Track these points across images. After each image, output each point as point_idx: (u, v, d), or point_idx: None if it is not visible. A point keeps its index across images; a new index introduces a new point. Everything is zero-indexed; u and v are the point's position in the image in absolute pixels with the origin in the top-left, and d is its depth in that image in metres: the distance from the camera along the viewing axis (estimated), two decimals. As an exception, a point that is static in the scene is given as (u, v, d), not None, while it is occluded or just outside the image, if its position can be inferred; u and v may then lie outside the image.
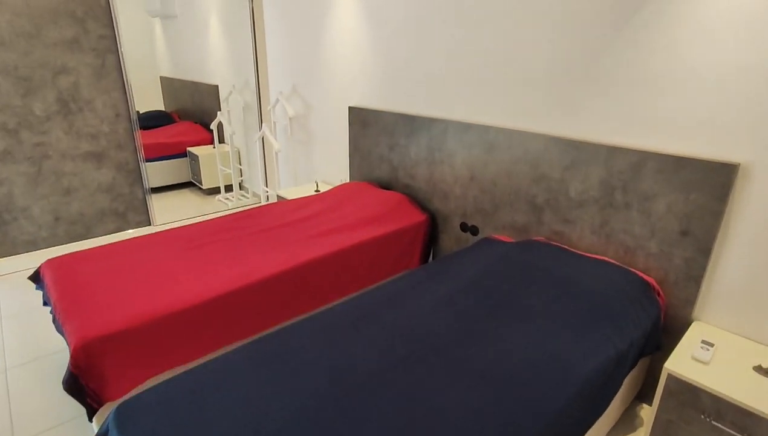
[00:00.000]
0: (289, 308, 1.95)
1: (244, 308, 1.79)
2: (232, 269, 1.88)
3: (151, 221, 3.49)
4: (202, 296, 1.68)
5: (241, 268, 1.88)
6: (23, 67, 2.74)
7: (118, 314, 1.54)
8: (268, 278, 1.85)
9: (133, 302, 1.62)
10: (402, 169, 2.69)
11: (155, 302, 1.62)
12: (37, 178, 2.93)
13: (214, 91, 4.26)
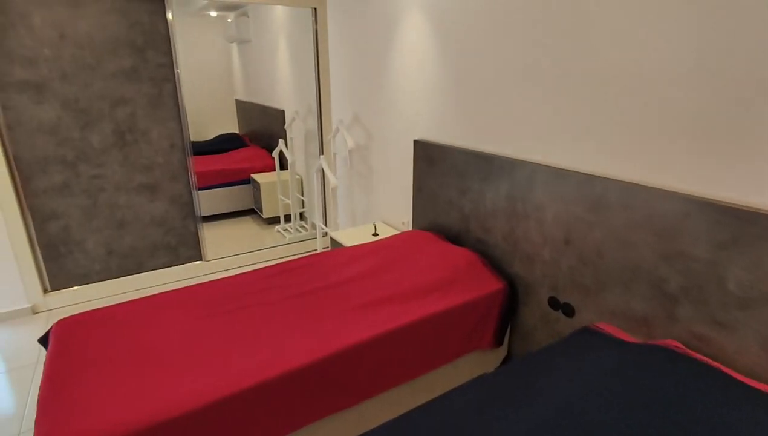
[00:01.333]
0: (310, 408, 1.52)
1: (256, 409, 1.40)
2: (255, 354, 1.50)
3: (202, 255, 3.31)
4: (207, 395, 1.31)
5: (263, 353, 1.50)
6: (83, 99, 2.67)
7: (97, 423, 1.21)
8: (290, 372, 1.43)
9: (124, 403, 1.29)
10: (475, 220, 2.17)
11: (149, 405, 1.28)
12: (92, 211, 2.85)
13: (281, 117, 4.08)
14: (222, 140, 4.60)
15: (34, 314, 2.77)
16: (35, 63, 2.51)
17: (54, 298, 2.83)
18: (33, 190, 2.66)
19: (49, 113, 2.61)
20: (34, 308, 2.78)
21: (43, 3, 2.46)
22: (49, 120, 2.61)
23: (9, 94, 2.49)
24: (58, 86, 2.59)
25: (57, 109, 2.62)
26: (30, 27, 2.46)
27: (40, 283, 2.77)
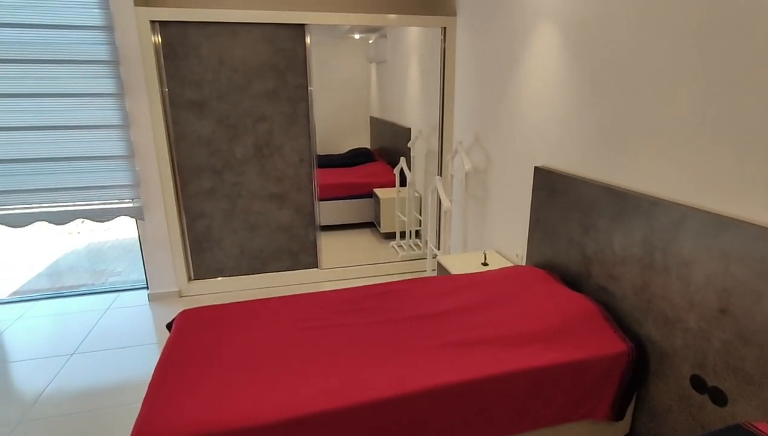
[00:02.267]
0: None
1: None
2: (330, 377, 1.48)
3: (318, 263, 3.49)
4: (278, 412, 1.33)
5: (338, 378, 1.47)
6: (233, 116, 3.05)
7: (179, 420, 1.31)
8: (359, 405, 1.37)
9: (207, 404, 1.38)
10: (598, 264, 1.85)
11: (228, 411, 1.34)
12: (231, 214, 3.22)
13: (407, 134, 4.13)
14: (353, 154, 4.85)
15: (180, 297, 3.23)
16: (200, 85, 2.95)
17: (195, 285, 3.27)
18: (188, 192, 3.11)
19: (206, 128, 3.03)
20: (180, 292, 3.24)
21: (210, 36, 2.88)
22: (205, 134, 3.03)
23: (178, 112, 2.95)
24: (215, 105, 3.00)
25: (212, 125, 3.03)
26: (199, 56, 2.90)
27: (186, 271, 3.22)
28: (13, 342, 2.68)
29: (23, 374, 2.38)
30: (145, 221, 3.05)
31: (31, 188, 2.82)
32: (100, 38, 2.68)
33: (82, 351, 2.59)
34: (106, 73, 2.74)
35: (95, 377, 2.35)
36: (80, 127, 2.78)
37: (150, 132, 2.90)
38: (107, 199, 2.94)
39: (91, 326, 2.86)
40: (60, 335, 2.75)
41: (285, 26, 2.98)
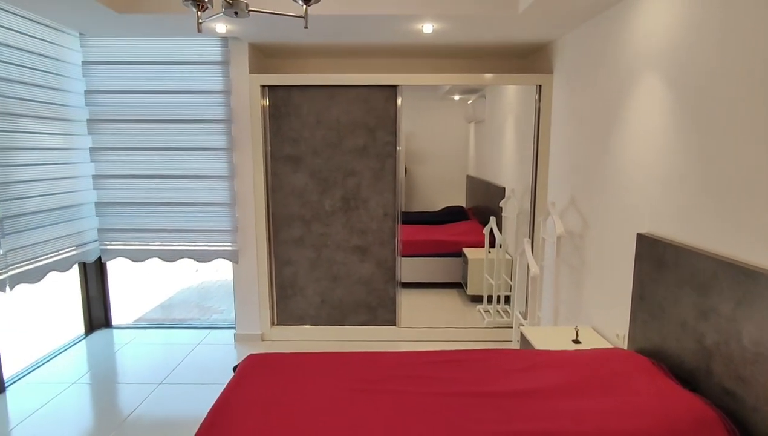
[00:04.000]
0: None
1: None
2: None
3: (397, 321, 3.38)
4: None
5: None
6: (325, 170, 3.22)
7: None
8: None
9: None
10: (722, 360, 1.47)
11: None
12: (316, 263, 3.32)
13: (501, 194, 3.97)
14: (447, 212, 4.78)
15: (262, 341, 3.33)
16: (297, 142, 3.19)
17: (277, 331, 3.36)
18: (278, 240, 3.29)
19: (300, 181, 3.23)
20: (263, 336, 3.35)
21: (310, 97, 3.14)
22: (299, 186, 3.23)
23: (277, 165, 3.21)
24: (310, 160, 3.20)
25: (306, 178, 3.22)
26: (299, 115, 3.16)
27: (270, 316, 3.34)
28: (118, 364, 2.98)
29: (119, 395, 2.59)
30: (239, 265, 3.27)
31: (149, 228, 3.23)
32: (219, 101, 3.08)
33: (168, 382, 2.76)
34: (220, 130, 3.11)
35: (173, 409, 2.47)
36: (195, 176, 3.15)
37: (251, 183, 3.18)
38: (209, 241, 3.23)
39: (181, 358, 3.06)
40: (155, 363, 2.99)
41: (379, 88, 3.13)
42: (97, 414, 2.43)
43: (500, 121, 4.01)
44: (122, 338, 3.41)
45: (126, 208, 3.20)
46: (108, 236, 3.24)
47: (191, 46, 3.04)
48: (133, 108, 3.09)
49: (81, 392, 2.66)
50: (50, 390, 2.67)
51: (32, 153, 2.66)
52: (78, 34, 3.01)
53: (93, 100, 3.09)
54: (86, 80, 3.07)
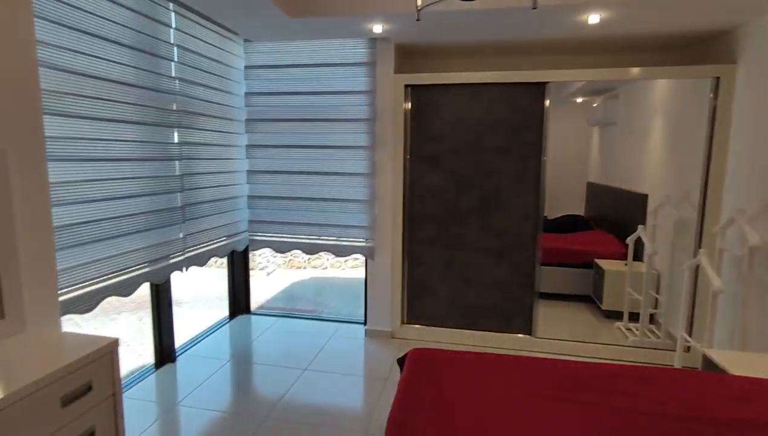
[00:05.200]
0: None
1: None
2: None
3: (532, 330, 3.20)
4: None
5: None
6: (463, 169, 3.16)
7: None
8: None
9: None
10: None
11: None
12: (449, 264, 3.27)
13: (641, 201, 3.62)
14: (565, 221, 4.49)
15: (392, 338, 3.35)
16: (437, 141, 3.17)
17: (407, 329, 3.36)
18: (413, 239, 3.30)
19: (437, 180, 3.21)
20: (392, 333, 3.37)
21: (452, 96, 3.11)
22: (435, 185, 3.21)
23: (416, 164, 3.22)
24: (448, 159, 3.17)
25: (443, 177, 3.19)
26: (440, 114, 3.15)
27: (400, 314, 3.35)
28: (263, 348, 3.17)
29: (269, 377, 2.75)
30: (374, 261, 3.33)
31: (292, 221, 3.41)
32: (363, 100, 3.17)
33: (312, 369, 2.87)
34: (364, 129, 3.19)
35: (321, 395, 2.55)
36: (337, 173, 3.27)
37: (390, 181, 3.22)
38: (348, 237, 3.33)
39: (318, 348, 3.18)
40: (296, 350, 3.13)
41: (524, 85, 3.01)
42: (253, 392, 2.59)
43: (642, 123, 3.65)
44: (260, 323, 3.64)
45: (273, 202, 3.42)
46: (256, 228, 3.49)
47: (341, 49, 3.18)
48: (284, 108, 3.30)
49: (236, 369, 2.87)
50: (210, 365, 2.91)
51: (204, 148, 2.94)
52: (243, 42, 3.29)
53: (251, 102, 3.35)
54: (246, 83, 3.34)
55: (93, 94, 2.07)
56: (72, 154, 1.97)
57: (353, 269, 7.43)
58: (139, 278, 2.40)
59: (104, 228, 2.16)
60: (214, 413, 2.37)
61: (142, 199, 2.41)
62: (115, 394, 1.58)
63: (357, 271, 7.28)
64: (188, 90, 2.76)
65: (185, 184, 2.75)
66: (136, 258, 2.38)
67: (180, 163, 2.70)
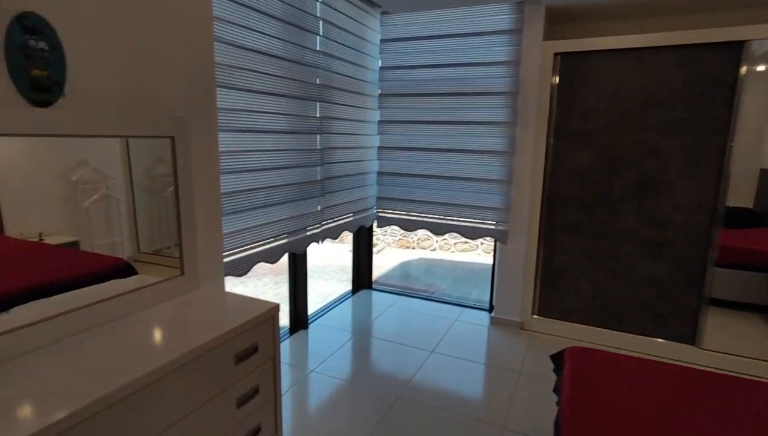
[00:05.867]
0: None
1: None
2: None
3: (696, 340, 2.73)
4: None
5: None
6: (616, 148, 2.76)
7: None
8: None
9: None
10: None
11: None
12: (593, 254, 2.92)
13: None
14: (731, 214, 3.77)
15: (521, 330, 3.13)
16: (587, 116, 2.81)
17: (538, 322, 3.10)
18: (552, 224, 3.00)
19: (585, 160, 2.85)
20: (522, 324, 3.14)
21: (610, 64, 2.71)
22: (582, 165, 2.86)
23: (560, 142, 2.90)
24: (599, 136, 2.79)
25: (592, 157, 2.83)
26: (594, 86, 2.77)
27: (531, 305, 3.10)
28: (388, 325, 3.17)
29: (396, 355, 2.73)
30: (506, 246, 3.11)
31: (421, 199, 3.32)
32: (505, 72, 2.92)
33: (439, 352, 2.79)
34: (503, 103, 2.95)
35: (449, 380, 2.46)
36: (472, 151, 3.09)
37: (529, 160, 2.95)
38: (479, 218, 3.15)
39: (443, 331, 3.09)
40: (421, 330, 3.08)
41: (710, 47, 2.50)
42: (382, 368, 2.58)
43: None
44: (382, 300, 3.66)
45: (402, 179, 3.36)
46: (384, 205, 3.47)
47: (482, 16, 2.95)
48: (418, 82, 3.19)
49: (364, 343, 2.90)
50: (339, 336, 2.99)
51: (341, 123, 2.96)
52: (380, 15, 3.23)
53: (385, 76, 3.30)
54: (381, 57, 3.29)
55: (249, 66, 2.15)
56: (234, 125, 2.08)
57: (462, 252, 7.24)
58: (283, 246, 2.51)
59: (258, 197, 2.27)
60: (346, 385, 2.41)
61: (290, 171, 2.49)
62: (275, 357, 1.64)
63: (466, 254, 7.08)
64: (330, 64, 2.77)
65: (324, 158, 2.80)
66: (282, 227, 2.48)
67: (321, 136, 2.75)
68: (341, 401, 2.26)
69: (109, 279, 1.40)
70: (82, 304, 1.35)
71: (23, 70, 1.19)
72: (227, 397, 1.43)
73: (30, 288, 1.20)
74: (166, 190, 1.54)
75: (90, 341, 1.29)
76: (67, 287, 1.29)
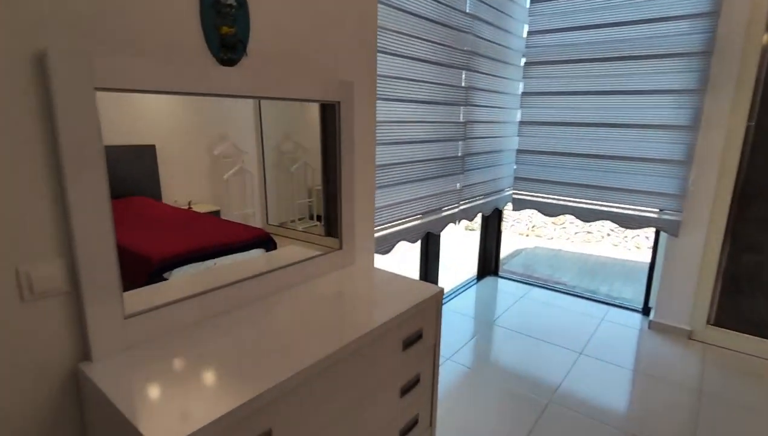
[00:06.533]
0: None
1: None
2: None
3: None
4: None
5: None
6: None
7: None
8: None
9: None
10: None
11: None
12: (800, 258, 2.32)
13: None
14: None
15: (688, 339, 2.64)
16: (814, 79, 2.18)
17: (714, 333, 2.59)
18: (745, 216, 2.44)
19: (803, 137, 2.24)
20: (691, 334, 2.65)
21: None
22: (799, 144, 2.25)
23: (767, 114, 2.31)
24: (831, 106, 2.16)
25: (815, 133, 2.21)
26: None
27: (707, 311, 2.59)
28: (524, 317, 2.90)
29: (540, 354, 2.45)
30: (676, 239, 2.62)
31: (566, 181, 2.94)
32: (696, 27, 2.39)
33: (588, 354, 2.45)
34: (689, 66, 2.43)
35: (605, 390, 2.13)
36: (637, 125, 2.62)
37: (720, 137, 2.41)
38: (641, 205, 2.69)
39: (590, 331, 2.72)
40: (563, 328, 2.75)
41: None
42: (526, 368, 2.33)
43: None
44: (510, 289, 3.37)
45: (545, 158, 3.01)
46: (522, 186, 3.16)
47: (667, -39, 2.44)
48: (572, 47, 2.78)
49: (499, 336, 2.67)
50: (469, 324, 2.80)
51: (483, 94, 2.70)
52: (531, -30, 2.87)
53: (533, 42, 2.94)
54: (530, 21, 2.93)
55: (403, 30, 1.98)
56: (385, 92, 1.94)
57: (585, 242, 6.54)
58: (422, 226, 2.36)
59: (404, 172, 2.13)
60: (485, 380, 2.21)
61: (433, 145, 2.32)
62: (436, 345, 1.49)
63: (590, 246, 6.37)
64: (479, 29, 2.52)
65: (467, 133, 2.58)
66: (424, 205, 2.33)
67: (464, 109, 2.53)
68: (485, 397, 2.08)
69: (252, 248, 1.39)
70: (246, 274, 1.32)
71: (214, 27, 1.15)
72: (393, 385, 1.31)
73: (188, 251, 1.21)
74: (292, 166, 1.50)
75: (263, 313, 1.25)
76: (220, 253, 1.28)
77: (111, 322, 1.00)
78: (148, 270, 1.12)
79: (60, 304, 0.96)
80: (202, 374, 0.94)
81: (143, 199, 1.10)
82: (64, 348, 0.98)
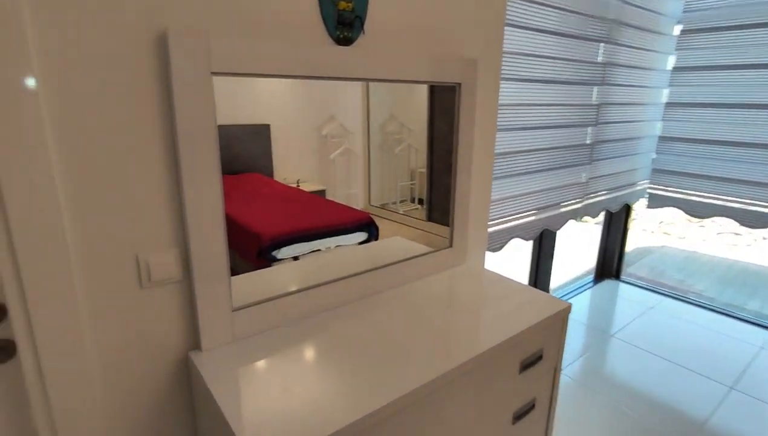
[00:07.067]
0: None
1: None
2: None
3: None
4: None
5: None
6: None
7: None
8: None
9: None
10: None
11: None
12: None
13: None
14: None
15: None
16: None
17: None
18: None
19: None
20: None
21: None
22: None
23: None
24: None
25: None
26: None
27: None
28: (654, 334, 2.49)
29: (678, 381, 2.08)
30: None
31: (719, 176, 2.42)
32: None
33: (741, 390, 2.02)
34: None
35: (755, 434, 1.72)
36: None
37: None
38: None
39: (745, 361, 2.25)
40: (707, 353, 2.31)
41: None
42: (660, 395, 1.98)
43: None
44: (633, 296, 2.93)
45: (694, 147, 2.51)
46: (661, 179, 2.69)
47: None
48: (750, 7, 2.22)
49: (624, 353, 2.32)
50: (585, 334, 2.48)
51: (623, 71, 2.30)
52: None
53: (693, 4, 2.42)
54: (691, -21, 2.42)
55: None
56: (509, 72, 1.71)
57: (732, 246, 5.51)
58: (539, 222, 2.10)
59: (524, 161, 1.90)
60: (612, 405, 1.93)
61: (558, 131, 2.03)
62: (557, 368, 1.29)
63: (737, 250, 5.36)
64: (624, -9, 2.12)
65: (599, 117, 2.23)
66: (543, 198, 2.07)
67: (599, 89, 2.17)
68: (606, 426, 1.81)
69: (356, 232, 1.31)
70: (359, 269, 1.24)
71: (331, 1, 1.05)
72: (505, 410, 1.15)
73: (296, 231, 1.19)
74: (396, 147, 1.38)
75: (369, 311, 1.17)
76: (325, 234, 1.25)
77: (219, 312, 0.98)
78: (259, 247, 1.12)
79: (174, 291, 0.96)
80: (308, 378, 0.87)
81: (257, 175, 1.10)
82: (177, 336, 0.99)
